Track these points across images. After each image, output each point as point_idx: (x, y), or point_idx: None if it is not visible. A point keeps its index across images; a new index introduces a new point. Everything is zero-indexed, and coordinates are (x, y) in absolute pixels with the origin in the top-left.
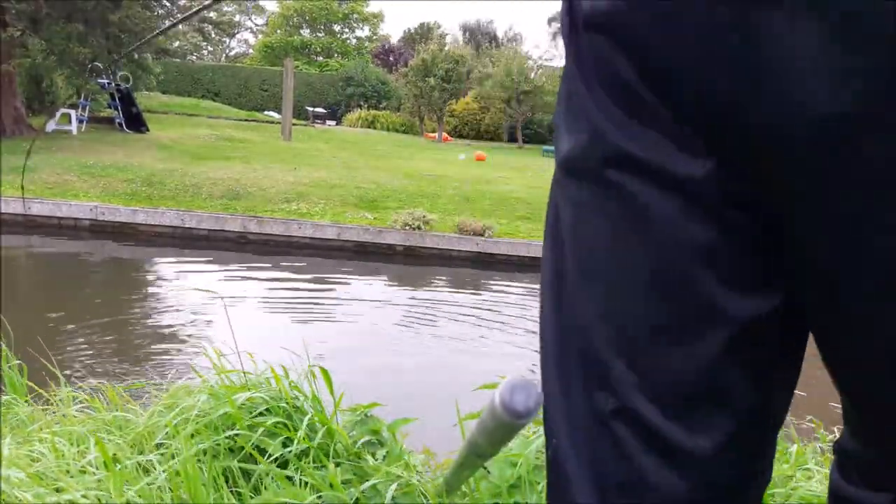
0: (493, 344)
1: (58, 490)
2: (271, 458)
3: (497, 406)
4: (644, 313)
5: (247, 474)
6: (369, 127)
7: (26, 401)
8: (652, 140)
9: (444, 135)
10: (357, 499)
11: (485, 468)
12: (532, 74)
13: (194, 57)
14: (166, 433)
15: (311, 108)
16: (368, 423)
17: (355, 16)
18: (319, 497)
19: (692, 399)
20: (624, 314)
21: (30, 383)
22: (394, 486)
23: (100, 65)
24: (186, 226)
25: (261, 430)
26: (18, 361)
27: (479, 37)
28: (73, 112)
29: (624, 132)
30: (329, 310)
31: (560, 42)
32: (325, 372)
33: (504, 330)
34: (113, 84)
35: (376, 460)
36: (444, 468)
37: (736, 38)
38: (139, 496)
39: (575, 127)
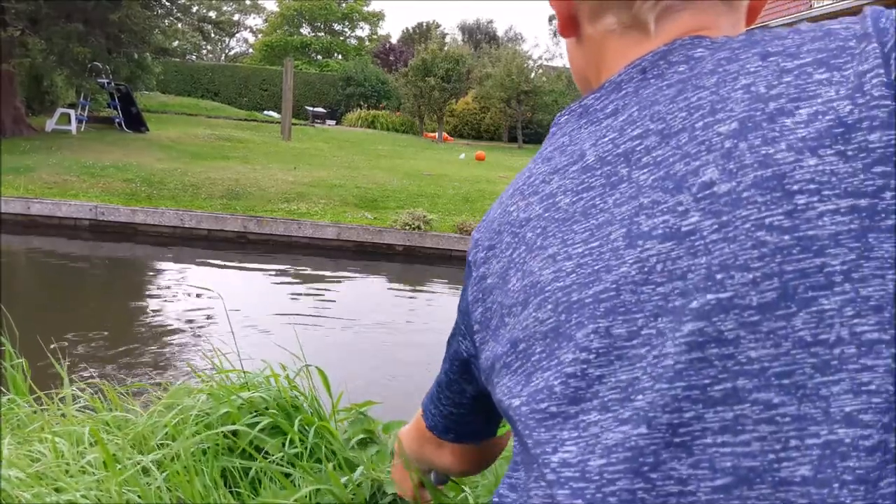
0: None
1: (58, 490)
2: (271, 459)
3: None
4: None
5: (247, 474)
6: (369, 127)
7: (27, 402)
8: None
9: (444, 135)
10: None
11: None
12: (532, 74)
13: (194, 57)
14: (166, 433)
15: (310, 108)
16: (363, 422)
17: (356, 15)
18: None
19: None
20: None
21: (30, 383)
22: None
23: (99, 65)
24: (186, 226)
25: (258, 428)
26: (21, 360)
27: (478, 36)
28: (72, 112)
29: None
30: (329, 309)
31: (560, 41)
32: (321, 372)
33: None
34: (113, 84)
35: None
36: None
37: None
38: (139, 496)
39: None
